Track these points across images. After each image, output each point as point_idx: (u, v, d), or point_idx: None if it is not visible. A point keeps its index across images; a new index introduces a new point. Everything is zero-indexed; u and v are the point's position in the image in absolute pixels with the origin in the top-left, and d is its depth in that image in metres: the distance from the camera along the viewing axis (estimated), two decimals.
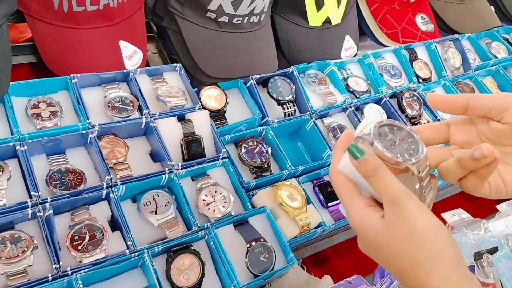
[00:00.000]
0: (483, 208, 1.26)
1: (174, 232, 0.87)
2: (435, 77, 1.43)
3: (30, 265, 0.74)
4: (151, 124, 0.97)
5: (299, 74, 1.20)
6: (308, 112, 1.15)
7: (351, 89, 1.25)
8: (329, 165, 1.10)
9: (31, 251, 0.75)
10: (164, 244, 0.84)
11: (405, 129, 0.54)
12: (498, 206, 1.23)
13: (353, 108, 1.21)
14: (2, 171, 0.82)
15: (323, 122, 1.18)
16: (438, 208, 0.90)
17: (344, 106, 1.21)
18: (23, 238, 0.76)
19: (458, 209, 1.14)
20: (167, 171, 0.92)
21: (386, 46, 1.44)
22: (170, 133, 0.98)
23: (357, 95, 1.25)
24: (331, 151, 1.10)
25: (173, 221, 0.89)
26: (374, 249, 0.53)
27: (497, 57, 1.56)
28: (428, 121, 1.28)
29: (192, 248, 0.86)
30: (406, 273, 0.50)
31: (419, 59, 1.40)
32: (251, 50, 1.16)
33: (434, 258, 0.49)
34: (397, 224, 0.50)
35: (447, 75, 1.42)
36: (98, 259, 0.78)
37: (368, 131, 0.52)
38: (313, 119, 1.14)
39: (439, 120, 1.28)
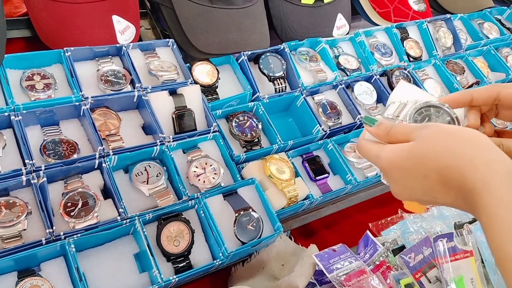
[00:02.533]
0: None
1: (165, 201, 0.90)
2: (426, 56, 1.45)
3: (24, 229, 0.77)
4: (143, 97, 0.99)
5: (290, 51, 1.21)
6: (299, 89, 1.17)
7: (342, 67, 1.27)
8: (317, 140, 1.13)
9: (25, 216, 0.78)
10: (155, 212, 0.86)
11: (442, 108, 0.57)
12: None
13: (343, 86, 1.23)
14: None
15: (313, 98, 1.20)
16: None
17: (334, 83, 1.23)
18: (17, 204, 0.79)
19: None
20: (159, 143, 0.95)
21: (379, 25, 1.45)
22: (162, 106, 1.00)
23: (347, 72, 1.27)
24: (320, 126, 1.13)
25: (164, 191, 0.91)
26: (416, 159, 0.52)
27: (488, 38, 1.57)
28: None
29: (182, 216, 0.89)
30: (466, 160, 0.49)
31: (410, 38, 1.42)
32: (243, 27, 1.17)
33: (490, 145, 0.50)
34: (440, 129, 0.52)
35: (438, 54, 1.44)
36: (90, 224, 0.81)
37: (407, 119, 0.57)
38: (304, 95, 1.16)
39: None
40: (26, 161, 0.83)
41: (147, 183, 0.91)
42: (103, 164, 0.88)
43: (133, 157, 0.93)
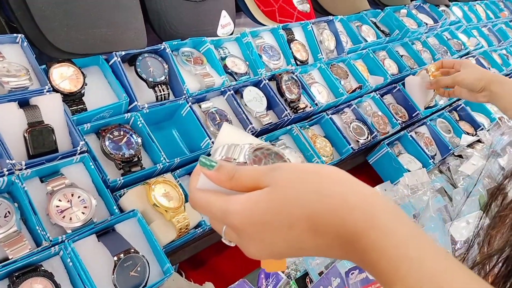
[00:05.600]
0: None
1: (18, 250, 0.69)
2: (311, 59, 1.40)
3: None
4: None
5: (172, 51, 1.05)
6: (184, 96, 1.02)
7: (229, 70, 1.15)
8: (208, 154, 1.00)
9: None
10: (4, 267, 0.65)
11: (272, 150, 0.51)
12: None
13: (232, 92, 1.11)
14: None
15: (200, 106, 1.06)
16: None
17: (222, 89, 1.10)
18: None
19: None
20: (6, 172, 0.73)
21: (263, 25, 1.36)
22: (10, 123, 0.78)
23: (236, 77, 1.15)
24: (210, 139, 0.99)
25: (16, 237, 0.70)
26: (277, 209, 0.43)
27: (367, 41, 1.59)
28: (306, 106, 1.24)
29: (43, 269, 0.69)
30: (338, 199, 0.42)
31: (296, 40, 1.35)
32: (114, 21, 0.98)
33: (355, 179, 0.44)
34: (297, 169, 0.45)
35: (323, 58, 1.40)
36: None
37: (243, 159, 0.48)
38: (190, 103, 1.01)
39: (316, 104, 1.25)
40: None
41: None
42: None
43: None
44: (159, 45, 1.03)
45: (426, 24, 1.81)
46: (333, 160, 1.21)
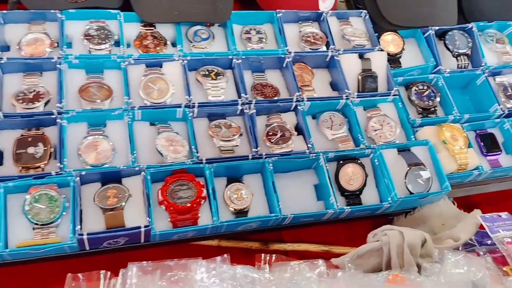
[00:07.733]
0: None
1: (345, 146, 1.04)
2: None
3: (237, 146, 0.98)
4: (335, 57, 1.13)
5: (478, 31, 1.24)
6: (482, 67, 1.20)
7: None
8: (495, 118, 1.15)
9: (238, 136, 0.98)
10: (336, 152, 1.00)
11: None
12: None
13: None
14: (223, 76, 1.06)
15: (494, 79, 1.21)
16: None
17: None
18: (233, 126, 1.00)
19: None
20: (344, 97, 1.08)
21: None
22: (350, 67, 1.13)
23: None
24: (499, 105, 1.15)
25: (344, 137, 1.05)
26: None
27: None
28: None
29: (359, 161, 1.01)
30: None
31: None
32: (434, 2, 1.24)
33: None
34: None
35: None
36: (286, 151, 0.99)
37: None
38: (486, 75, 1.19)
39: None
40: (242, 95, 1.03)
41: (331, 129, 1.06)
42: (298, 107, 1.05)
43: (321, 106, 1.08)
44: (467, 24, 1.24)
45: None
46: None
